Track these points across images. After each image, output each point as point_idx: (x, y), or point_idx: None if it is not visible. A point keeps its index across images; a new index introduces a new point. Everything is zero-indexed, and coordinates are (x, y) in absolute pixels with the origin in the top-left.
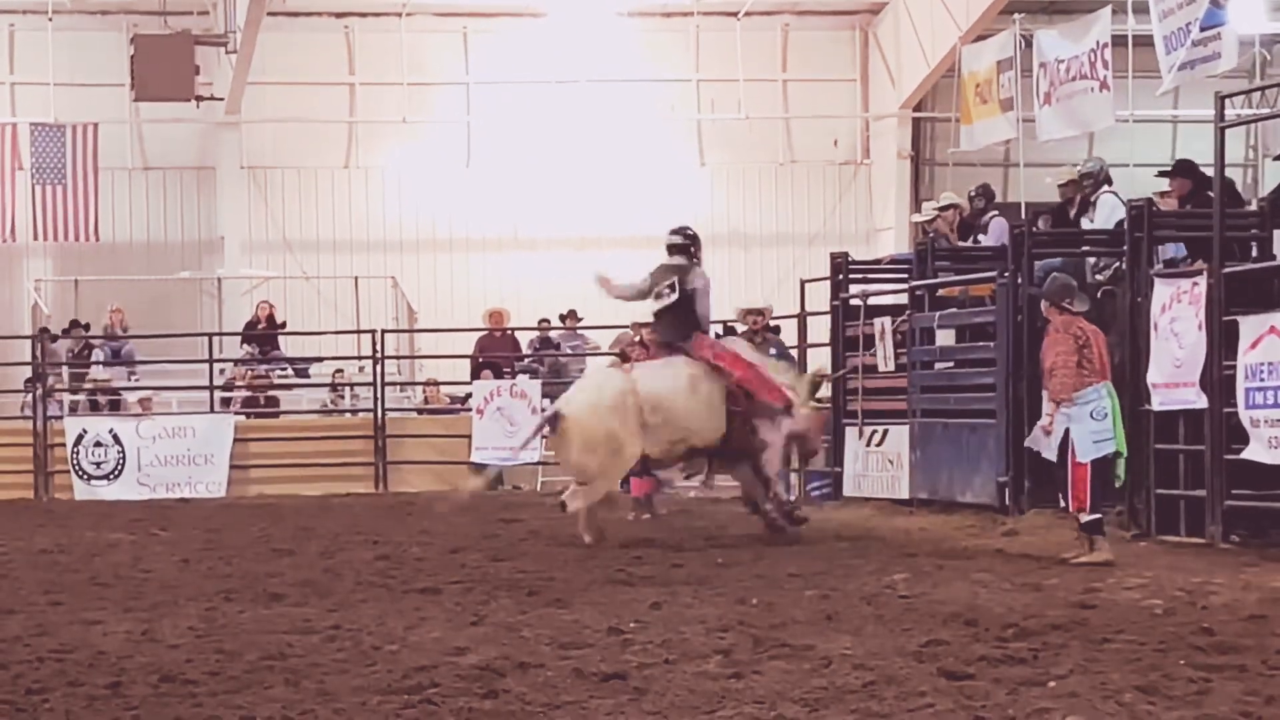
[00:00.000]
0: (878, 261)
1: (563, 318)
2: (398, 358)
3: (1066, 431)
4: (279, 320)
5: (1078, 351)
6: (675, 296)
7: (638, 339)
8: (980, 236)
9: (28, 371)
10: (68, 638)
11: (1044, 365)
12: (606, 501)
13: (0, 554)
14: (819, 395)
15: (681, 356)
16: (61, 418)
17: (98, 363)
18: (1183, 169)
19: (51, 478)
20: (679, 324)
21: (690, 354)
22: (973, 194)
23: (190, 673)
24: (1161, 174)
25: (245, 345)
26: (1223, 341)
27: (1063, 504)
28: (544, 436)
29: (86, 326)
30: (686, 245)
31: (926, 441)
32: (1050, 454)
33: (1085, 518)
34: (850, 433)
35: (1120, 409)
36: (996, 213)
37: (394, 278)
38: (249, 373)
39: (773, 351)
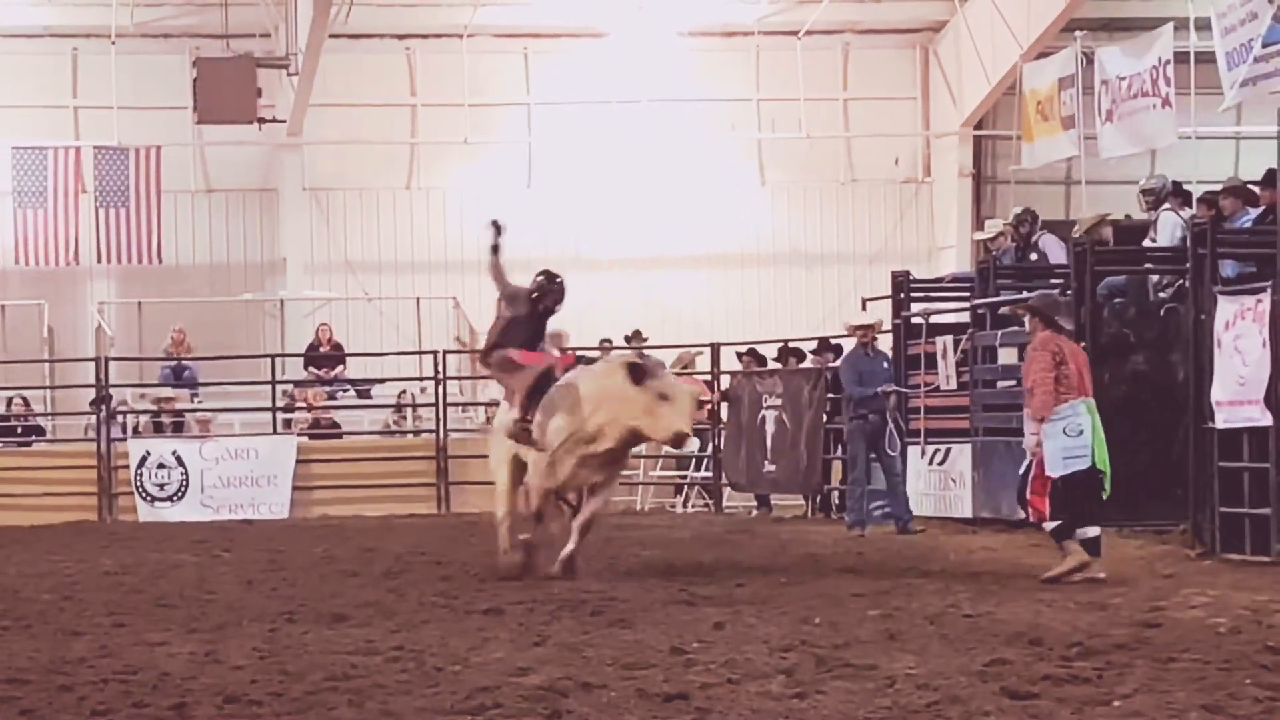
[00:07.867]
0: (939, 280)
1: (628, 338)
2: (459, 378)
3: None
4: (334, 340)
5: (1055, 368)
6: None
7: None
8: (1034, 257)
9: (92, 393)
10: (132, 659)
11: (1025, 384)
12: None
13: (65, 575)
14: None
15: None
16: (125, 439)
17: (160, 384)
18: (1272, 179)
19: (115, 499)
20: None
21: None
22: (1016, 222)
23: (254, 694)
24: (1209, 193)
25: (309, 368)
26: None
27: (1021, 514)
28: None
29: None
30: None
31: (989, 460)
32: (1020, 467)
33: (1048, 525)
34: (913, 451)
35: (1101, 425)
36: (1044, 231)
37: (455, 298)
38: (310, 394)
39: (885, 365)
